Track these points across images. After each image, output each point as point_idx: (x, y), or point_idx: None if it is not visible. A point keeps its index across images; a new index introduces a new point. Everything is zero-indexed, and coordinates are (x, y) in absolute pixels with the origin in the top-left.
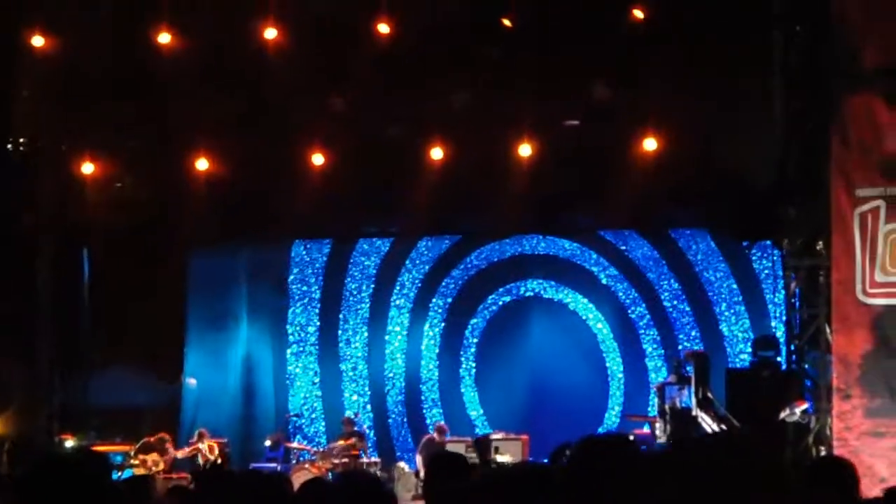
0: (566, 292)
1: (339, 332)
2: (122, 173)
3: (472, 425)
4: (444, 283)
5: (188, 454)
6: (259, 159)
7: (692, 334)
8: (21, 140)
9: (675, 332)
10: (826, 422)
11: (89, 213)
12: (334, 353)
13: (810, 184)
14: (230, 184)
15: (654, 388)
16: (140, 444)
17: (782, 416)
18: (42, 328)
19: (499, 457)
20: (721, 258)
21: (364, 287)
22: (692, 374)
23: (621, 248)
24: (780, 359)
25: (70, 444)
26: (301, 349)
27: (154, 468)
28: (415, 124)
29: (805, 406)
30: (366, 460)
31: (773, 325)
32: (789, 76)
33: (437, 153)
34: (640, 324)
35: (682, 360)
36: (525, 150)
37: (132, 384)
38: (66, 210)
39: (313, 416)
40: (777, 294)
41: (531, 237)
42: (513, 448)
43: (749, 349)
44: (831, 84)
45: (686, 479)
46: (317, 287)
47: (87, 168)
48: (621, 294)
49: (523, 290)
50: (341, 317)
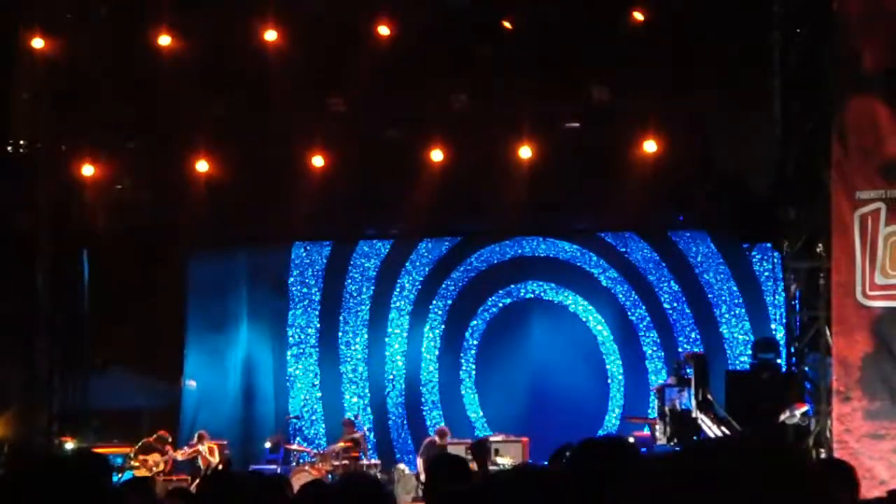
0: (566, 294)
1: (340, 333)
2: (121, 175)
3: (472, 427)
4: (444, 285)
5: (188, 456)
6: (259, 161)
7: (692, 336)
8: (20, 142)
9: (675, 334)
10: (826, 424)
11: (89, 214)
12: (334, 354)
13: (810, 186)
14: (230, 185)
15: (654, 390)
16: (139, 444)
17: (782, 418)
18: (41, 330)
19: (499, 459)
20: (721, 260)
21: (364, 289)
22: (692, 376)
23: (621, 250)
24: (780, 361)
25: (70, 446)
26: (301, 351)
27: (155, 468)
28: (415, 126)
29: (805, 408)
30: (366, 462)
31: (773, 327)
32: (789, 77)
33: (437, 155)
34: (640, 326)
35: (681, 361)
36: (525, 151)
37: (132, 386)
38: (65, 212)
39: (313, 417)
40: (777, 296)
41: (531, 239)
42: (513, 450)
43: (749, 351)
44: (831, 85)
45: (690, 483)
46: (317, 289)
47: (87, 170)
48: (621, 296)
49: (523, 291)
50: (341, 319)
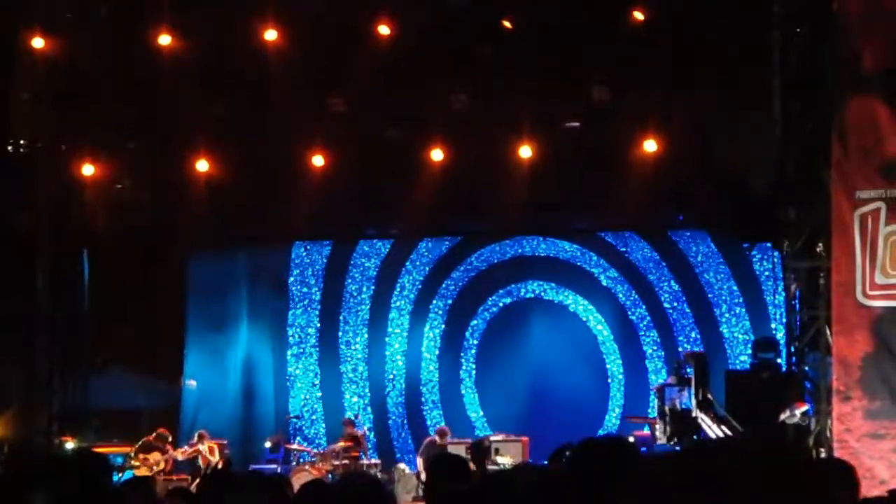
0: (566, 294)
1: (340, 333)
2: (121, 175)
3: (473, 427)
4: (444, 285)
5: (189, 456)
6: (259, 160)
7: (692, 336)
8: (21, 141)
9: (675, 333)
10: (826, 424)
11: (89, 214)
12: (334, 354)
13: (810, 185)
14: (230, 185)
15: (654, 390)
16: (140, 443)
17: (782, 417)
18: (41, 329)
19: (499, 458)
20: (721, 260)
21: (364, 288)
22: (692, 376)
23: (621, 249)
24: (780, 360)
25: (70, 445)
26: (301, 351)
27: (155, 467)
28: (415, 125)
29: (805, 408)
30: (366, 461)
31: (774, 326)
32: (789, 77)
33: (437, 154)
34: (641, 325)
35: (681, 361)
36: (525, 151)
37: (132, 386)
38: (65, 211)
39: (313, 417)
40: (777, 296)
41: (531, 239)
42: (513, 449)
43: (749, 351)
44: (831, 85)
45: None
46: (317, 288)
47: (87, 169)
48: (621, 296)
49: (523, 291)
50: (341, 318)
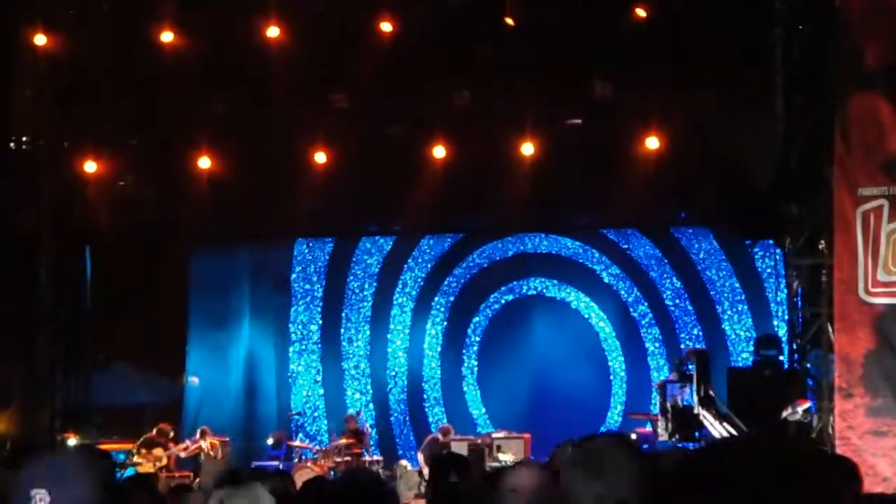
0: (568, 291)
1: (342, 330)
2: (124, 171)
3: (475, 424)
4: (446, 282)
5: (191, 452)
6: (261, 157)
7: (694, 333)
8: (23, 138)
9: (677, 330)
10: (828, 421)
11: (91, 211)
12: (336, 351)
13: (812, 182)
14: (232, 182)
15: (656, 386)
16: (141, 440)
17: (784, 415)
18: (44, 326)
19: (500, 455)
20: (723, 257)
21: (366, 285)
22: (694, 372)
23: (623, 246)
24: (782, 358)
25: (72, 442)
26: (303, 347)
27: (158, 463)
28: (417, 122)
29: (807, 405)
30: (368, 458)
31: (776, 324)
32: (791, 74)
33: (439, 151)
34: (642, 322)
35: (683, 357)
36: (527, 148)
37: (134, 382)
38: (68, 208)
39: (315, 414)
40: (779, 293)
41: (533, 236)
42: (515, 447)
43: (751, 348)
44: (833, 82)
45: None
46: (319, 285)
47: (90, 166)
48: (623, 293)
49: (525, 288)
50: (343, 315)
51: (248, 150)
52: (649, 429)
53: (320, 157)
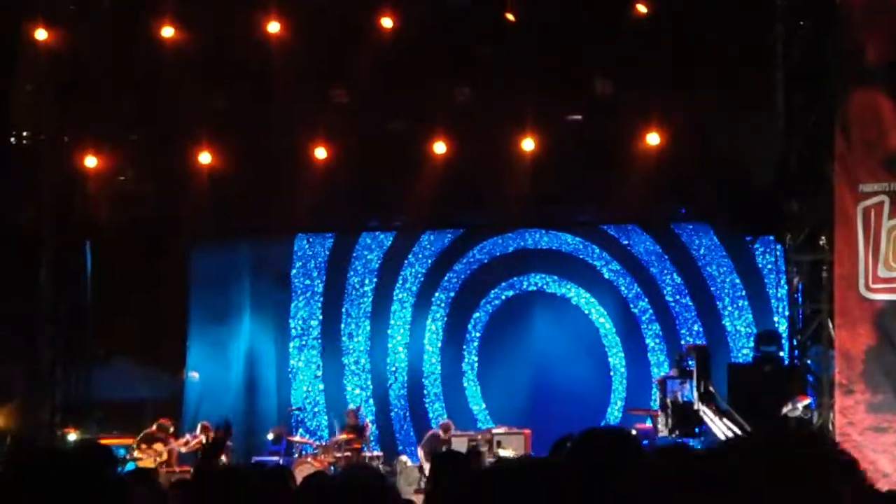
0: (569, 287)
1: (342, 325)
2: (124, 166)
3: (475, 419)
4: (446, 277)
5: (192, 448)
6: (262, 153)
7: (695, 329)
8: (23, 133)
9: (677, 326)
10: (828, 417)
11: (92, 206)
12: (337, 346)
13: (813, 178)
14: (233, 177)
15: (656, 382)
16: (141, 435)
17: (784, 411)
18: (44, 321)
19: (501, 451)
20: (724, 253)
21: (367, 281)
22: (694, 368)
23: (624, 242)
24: (782, 354)
25: (73, 437)
26: (303, 343)
27: (159, 458)
28: (418, 118)
29: (807, 401)
30: (368, 454)
31: (776, 320)
32: (792, 70)
33: (439, 147)
34: (643, 318)
35: (683, 353)
36: (528, 144)
37: (135, 377)
38: (68, 203)
39: (315, 409)
40: (780, 289)
41: (534, 231)
42: (515, 442)
43: (751, 344)
44: (834, 78)
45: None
46: (319, 281)
47: (90, 161)
48: (623, 288)
49: (526, 284)
50: (344, 310)
51: (249, 145)
52: (649, 425)
53: (321, 152)
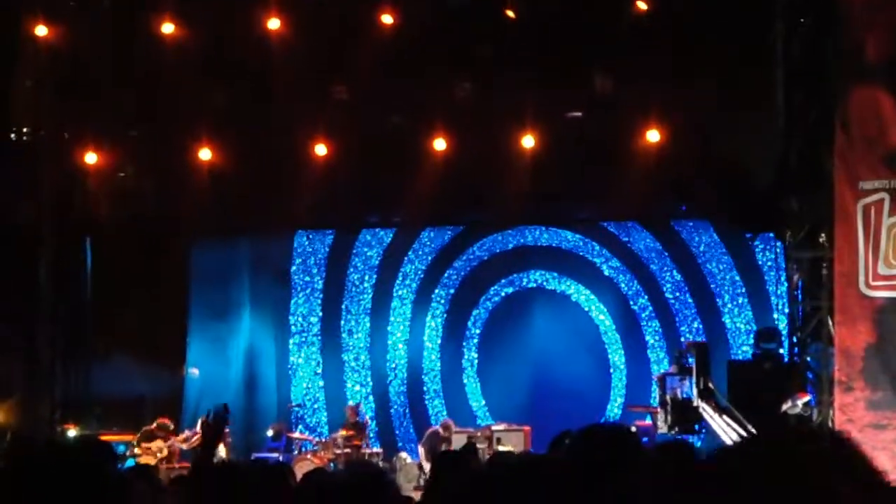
0: (568, 283)
1: (342, 322)
2: (124, 163)
3: (475, 416)
4: (446, 274)
5: (192, 444)
6: (262, 149)
7: (694, 326)
8: (23, 129)
9: (677, 323)
10: (828, 414)
11: (92, 202)
12: (336, 343)
13: (813, 176)
14: (233, 174)
15: (656, 379)
16: (141, 432)
17: (784, 408)
18: (44, 318)
19: (500, 448)
20: (724, 250)
21: (366, 277)
22: (693, 365)
23: (624, 239)
24: (782, 351)
25: (72, 433)
26: (303, 339)
27: (159, 454)
28: (417, 115)
29: (807, 398)
30: (367, 451)
31: (776, 317)
32: (792, 68)
33: (439, 144)
34: (643, 315)
35: (683, 350)
36: (528, 141)
37: (134, 374)
38: (68, 200)
39: (315, 406)
40: (779, 286)
41: (534, 228)
42: (515, 439)
43: (751, 341)
44: (834, 76)
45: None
46: (319, 277)
47: (90, 157)
48: (623, 285)
49: (526, 281)
50: (344, 307)
51: (249, 141)
52: (649, 421)
53: (321, 149)
